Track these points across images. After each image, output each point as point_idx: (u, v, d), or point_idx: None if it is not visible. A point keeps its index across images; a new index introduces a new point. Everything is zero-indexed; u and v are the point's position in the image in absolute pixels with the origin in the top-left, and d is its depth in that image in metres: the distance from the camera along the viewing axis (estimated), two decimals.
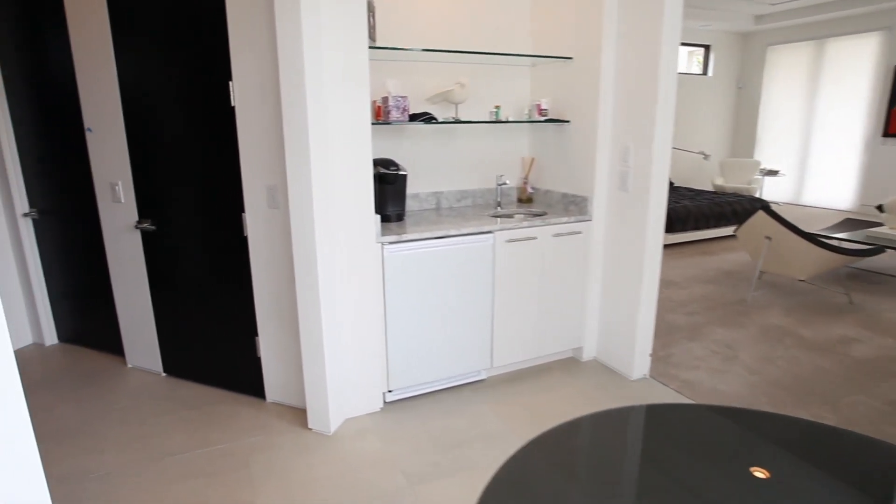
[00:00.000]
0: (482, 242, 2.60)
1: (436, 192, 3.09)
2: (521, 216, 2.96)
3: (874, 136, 7.73)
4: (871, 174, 7.83)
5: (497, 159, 3.25)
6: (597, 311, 3.05)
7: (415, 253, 2.45)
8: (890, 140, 7.63)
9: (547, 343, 2.95)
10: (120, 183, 2.68)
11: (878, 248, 3.96)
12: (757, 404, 2.65)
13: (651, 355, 2.93)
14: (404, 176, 2.65)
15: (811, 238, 3.88)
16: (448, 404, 2.65)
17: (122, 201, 2.71)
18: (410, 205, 3.02)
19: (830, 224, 5.49)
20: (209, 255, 2.58)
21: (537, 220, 2.73)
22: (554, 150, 3.11)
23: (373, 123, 2.39)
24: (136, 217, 2.70)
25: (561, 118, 2.99)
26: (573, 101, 2.91)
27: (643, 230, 2.68)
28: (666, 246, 5.84)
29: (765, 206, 3.96)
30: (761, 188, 8.11)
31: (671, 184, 7.74)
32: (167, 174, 2.57)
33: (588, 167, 2.86)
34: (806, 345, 3.37)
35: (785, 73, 8.63)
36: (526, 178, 3.27)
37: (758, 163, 8.23)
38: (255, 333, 2.59)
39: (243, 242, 2.48)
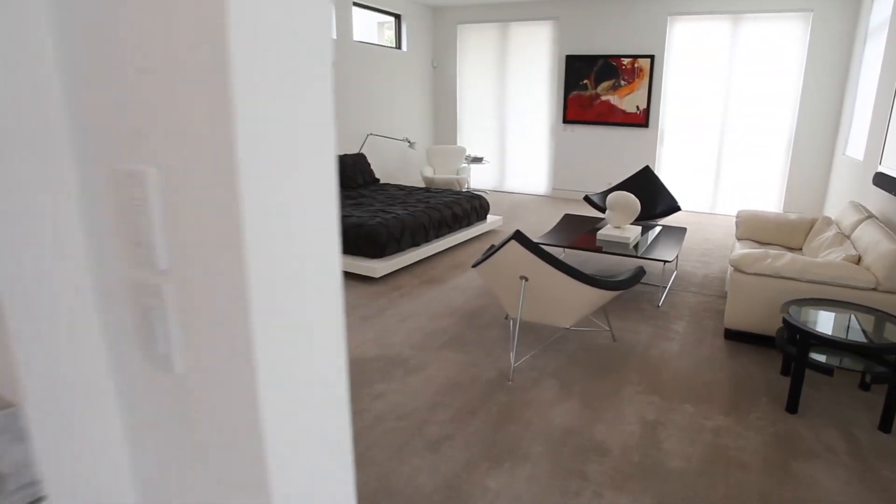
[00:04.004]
0: None
1: None
2: None
3: (557, 122, 7.71)
4: (558, 159, 7.83)
5: None
6: None
7: None
8: (569, 126, 7.70)
9: None
10: None
11: (639, 274, 2.92)
12: None
13: None
14: None
15: (577, 274, 2.55)
16: None
17: None
18: None
19: (553, 225, 4.64)
20: None
21: None
22: None
23: None
24: None
25: None
26: None
27: None
28: (370, 281, 4.06)
29: (517, 233, 2.44)
30: (469, 177, 7.30)
31: (376, 180, 6.11)
32: None
33: None
34: (618, 470, 1.94)
35: (475, 55, 8.00)
36: None
37: (463, 150, 7.39)
38: None
39: None
